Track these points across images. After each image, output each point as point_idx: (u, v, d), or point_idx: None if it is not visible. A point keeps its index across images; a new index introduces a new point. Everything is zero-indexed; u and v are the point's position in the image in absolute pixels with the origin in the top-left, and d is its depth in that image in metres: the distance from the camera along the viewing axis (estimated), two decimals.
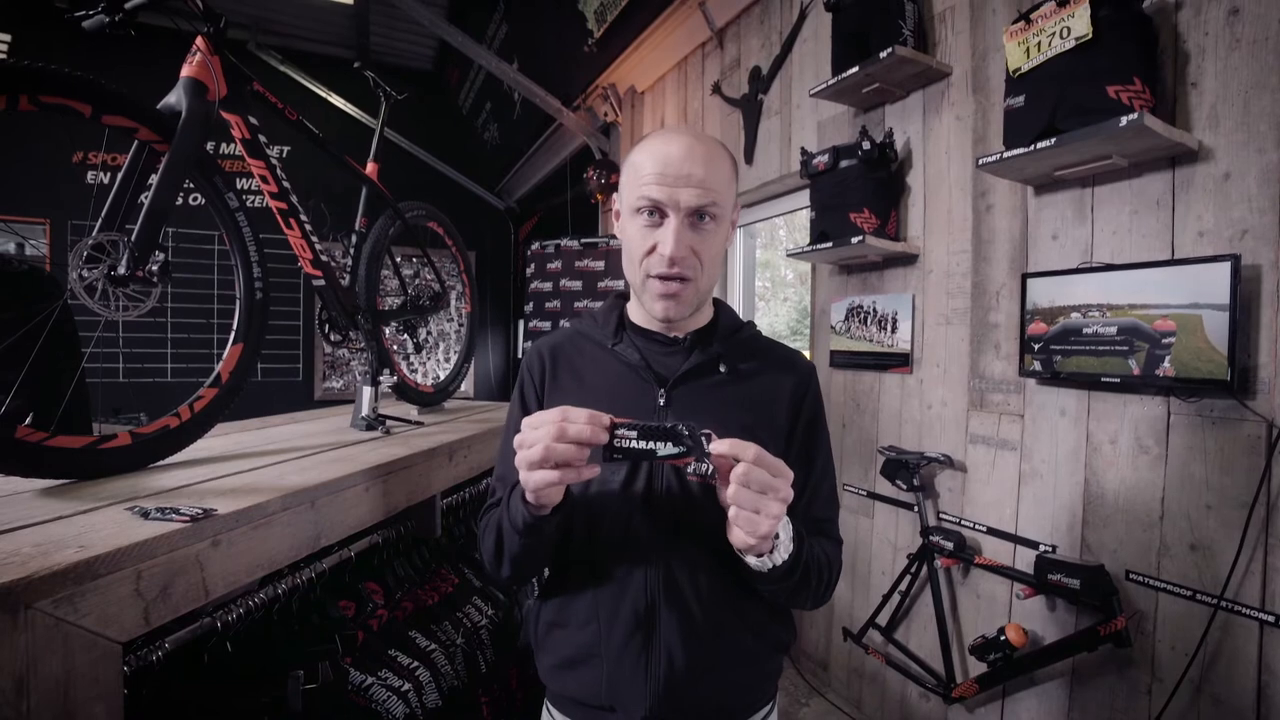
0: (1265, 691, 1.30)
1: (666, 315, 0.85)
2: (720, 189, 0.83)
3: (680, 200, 0.80)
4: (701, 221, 0.82)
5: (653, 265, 0.83)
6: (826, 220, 2.20)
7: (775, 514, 0.69)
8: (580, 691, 0.87)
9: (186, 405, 1.09)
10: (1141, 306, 1.45)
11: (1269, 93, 1.30)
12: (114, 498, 0.85)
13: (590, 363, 0.92)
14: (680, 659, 0.82)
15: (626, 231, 0.87)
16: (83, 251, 0.94)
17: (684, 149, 0.81)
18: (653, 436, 0.68)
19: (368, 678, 1.13)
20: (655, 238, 0.82)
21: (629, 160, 0.87)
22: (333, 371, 5.69)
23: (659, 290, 0.83)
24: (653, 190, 0.81)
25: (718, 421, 0.84)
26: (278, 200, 1.32)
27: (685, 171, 0.80)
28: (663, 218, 0.82)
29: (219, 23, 1.13)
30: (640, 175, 0.83)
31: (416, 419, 1.74)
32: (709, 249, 0.84)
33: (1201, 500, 1.41)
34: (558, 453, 0.68)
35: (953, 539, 1.90)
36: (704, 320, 0.94)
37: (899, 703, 2.20)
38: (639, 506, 0.83)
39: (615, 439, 0.68)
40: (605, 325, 0.94)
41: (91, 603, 0.63)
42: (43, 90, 0.87)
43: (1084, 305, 1.57)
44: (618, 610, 0.83)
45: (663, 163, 0.81)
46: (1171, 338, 1.40)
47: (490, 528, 0.87)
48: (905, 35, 1.98)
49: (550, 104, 3.93)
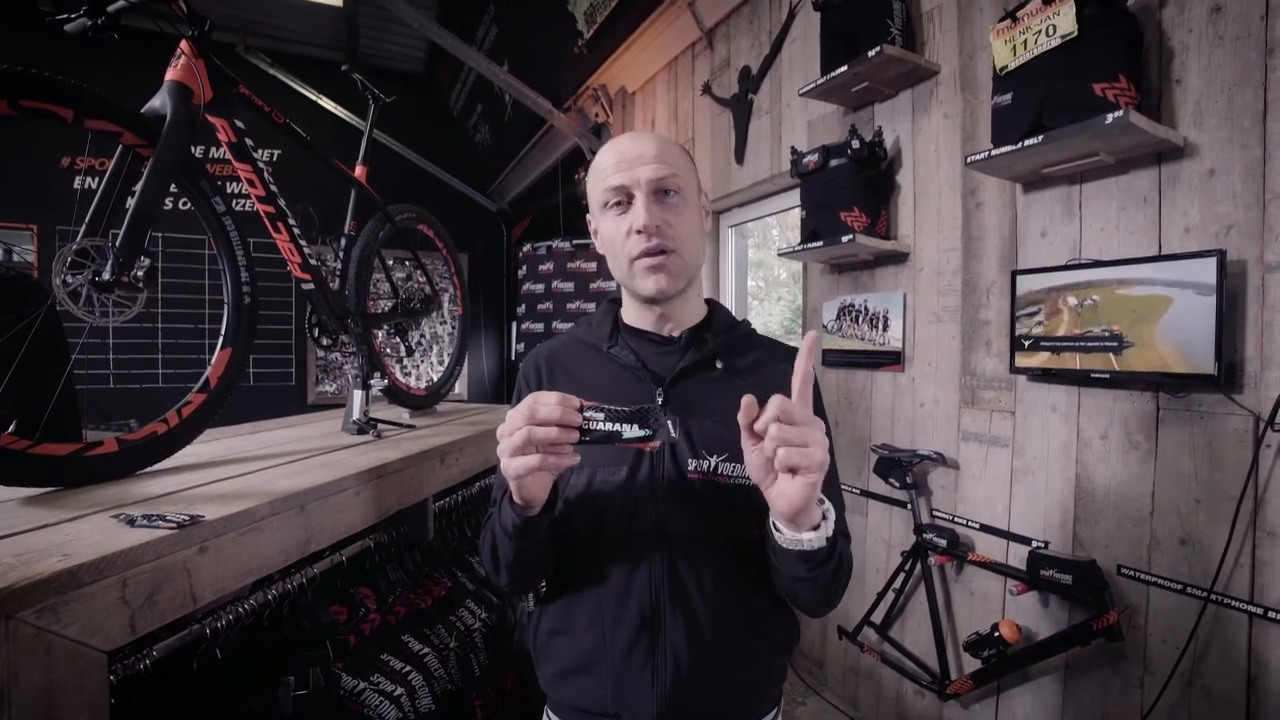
0: (1255, 683, 1.31)
1: (660, 289, 0.85)
2: (677, 165, 0.86)
3: (640, 177, 0.83)
4: (667, 196, 0.85)
5: (632, 247, 0.84)
6: (817, 219, 2.21)
7: (822, 441, 0.66)
8: (585, 700, 0.85)
9: (175, 411, 1.08)
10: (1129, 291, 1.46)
11: (1251, 89, 1.31)
12: (100, 505, 0.84)
13: (587, 367, 0.92)
14: (687, 661, 0.81)
15: (603, 231, 0.89)
16: (67, 257, 0.93)
17: (634, 138, 0.87)
18: (618, 419, 0.68)
19: (360, 683, 1.13)
20: (628, 220, 0.85)
21: (589, 172, 0.91)
22: (326, 376, 5.66)
23: (646, 266, 0.84)
24: (613, 179, 0.84)
25: (716, 417, 0.84)
26: (265, 204, 1.31)
27: (639, 152, 0.84)
28: (630, 201, 0.85)
29: (204, 25, 1.13)
30: (600, 174, 0.87)
31: (408, 422, 1.74)
32: (682, 222, 0.86)
33: (1191, 494, 1.42)
34: (537, 435, 0.67)
35: (946, 536, 1.91)
36: (698, 318, 0.94)
37: (894, 700, 2.20)
38: (642, 507, 0.83)
39: (583, 421, 0.69)
40: (600, 329, 0.94)
41: (75, 612, 0.62)
42: (23, 95, 0.86)
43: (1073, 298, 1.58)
44: (622, 612, 0.82)
45: (617, 153, 0.86)
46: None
47: (486, 535, 0.87)
48: (893, 34, 1.98)
49: (541, 105, 3.92)
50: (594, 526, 0.85)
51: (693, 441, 0.84)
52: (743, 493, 0.83)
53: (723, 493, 0.83)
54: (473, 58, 3.61)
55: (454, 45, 3.47)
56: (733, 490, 0.83)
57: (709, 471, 0.83)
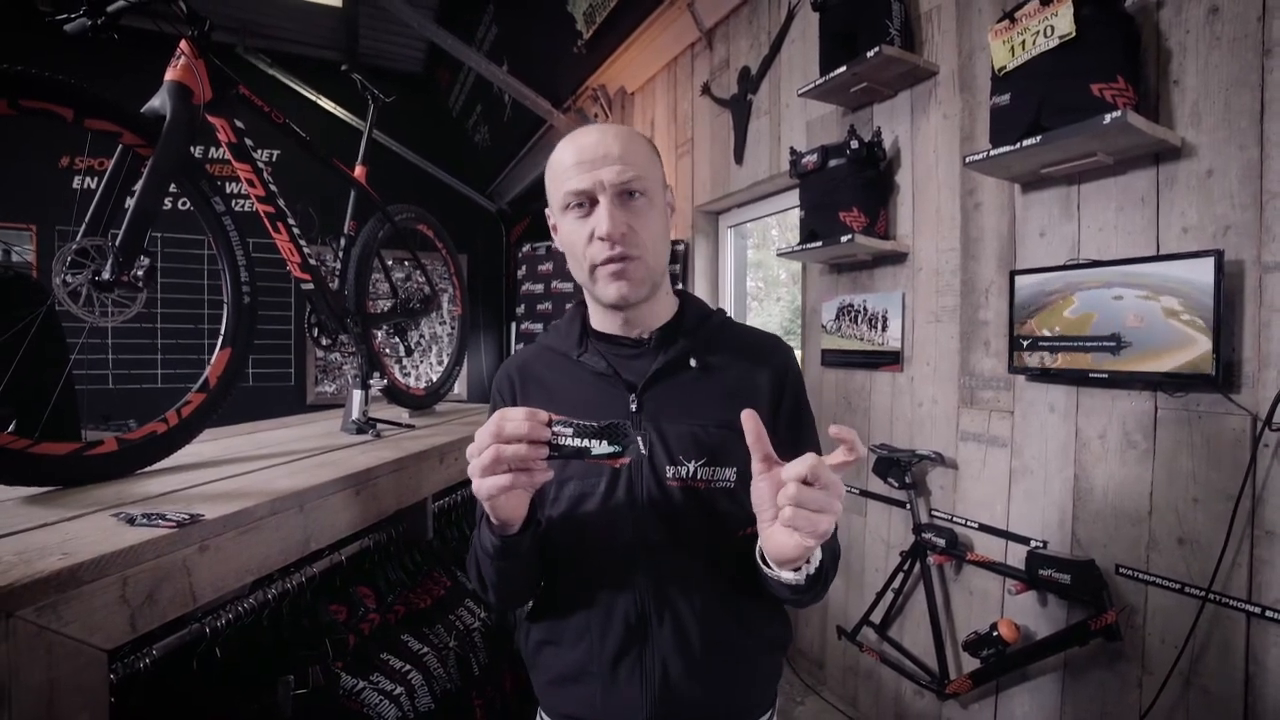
0: (1253, 682, 1.31)
1: (621, 296, 0.81)
2: (642, 165, 0.81)
3: (604, 179, 0.78)
4: (632, 199, 0.80)
5: (595, 253, 0.80)
6: (816, 219, 2.21)
7: (838, 510, 0.64)
8: (576, 708, 0.85)
9: (174, 410, 1.08)
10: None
11: (1249, 90, 1.32)
12: (99, 504, 0.84)
13: (559, 376, 0.90)
14: (677, 670, 0.80)
15: (563, 234, 0.85)
16: (66, 257, 0.93)
17: (596, 135, 0.81)
18: (587, 435, 0.66)
19: (359, 682, 1.13)
20: (590, 225, 0.80)
21: (548, 166, 0.85)
22: (325, 376, 5.66)
23: (608, 273, 0.80)
24: (574, 181, 0.79)
25: (694, 420, 0.83)
26: (265, 204, 1.31)
27: (602, 153, 0.79)
28: (593, 204, 0.80)
29: (203, 26, 1.13)
30: (561, 172, 0.81)
31: (407, 422, 1.74)
32: (647, 226, 0.81)
33: (1189, 494, 1.43)
34: (505, 453, 0.65)
35: (945, 536, 1.91)
36: (668, 315, 0.90)
37: (893, 700, 2.21)
38: (622, 518, 0.82)
39: (552, 436, 0.66)
40: (568, 336, 0.91)
41: (75, 610, 0.62)
42: (23, 94, 0.86)
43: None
44: (609, 624, 0.81)
45: (578, 152, 0.80)
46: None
47: (471, 556, 0.86)
48: (892, 34, 1.99)
49: (540, 106, 3.92)
50: (575, 539, 0.83)
51: (669, 448, 0.82)
52: (725, 495, 0.82)
53: (703, 498, 0.82)
54: (472, 58, 3.62)
55: (453, 45, 3.47)
56: (714, 494, 0.82)
57: (688, 478, 0.81)
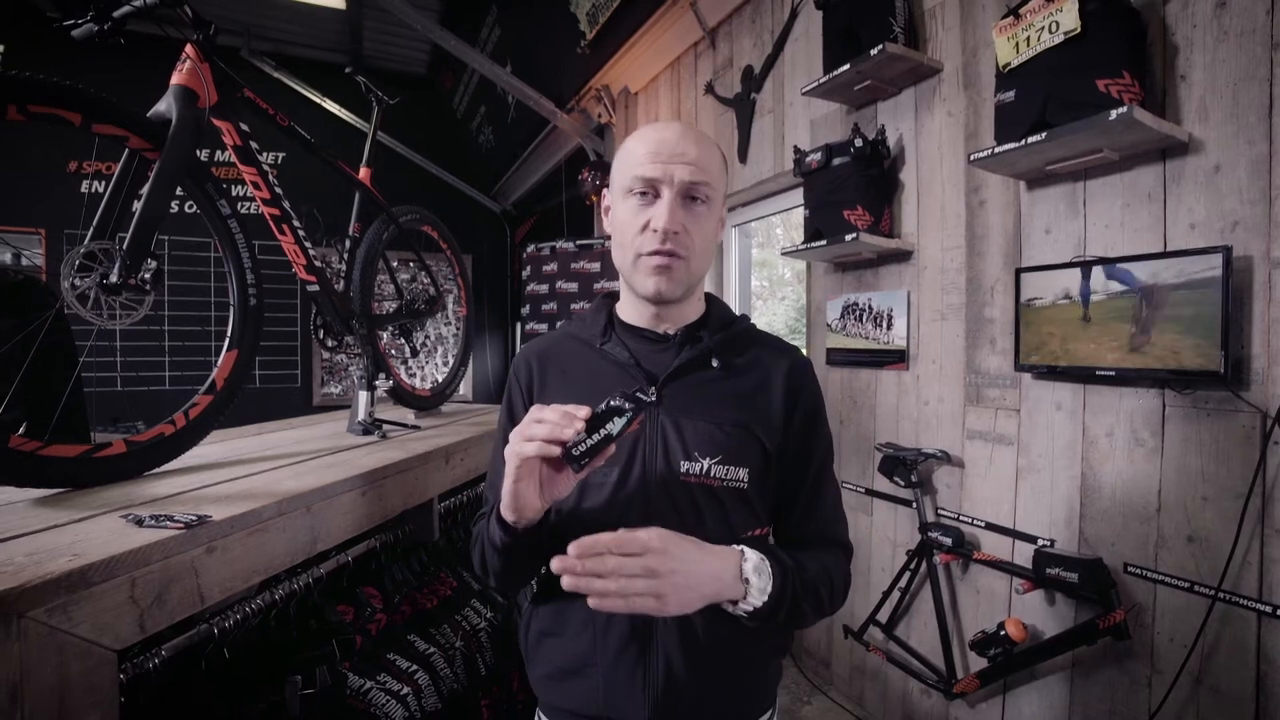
0: (1264, 681, 1.30)
1: (658, 291, 0.83)
2: (712, 172, 0.84)
3: (674, 176, 0.81)
4: (694, 203, 0.83)
5: (645, 243, 0.82)
6: (820, 218, 2.21)
7: (648, 589, 0.67)
8: (575, 703, 0.85)
9: (181, 412, 1.09)
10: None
11: (1257, 84, 1.31)
12: (108, 506, 0.85)
13: (579, 364, 0.90)
14: (679, 666, 0.80)
15: (618, 215, 0.86)
16: (75, 260, 0.94)
17: (677, 133, 0.83)
18: (599, 424, 0.66)
19: (366, 682, 1.13)
20: (648, 214, 0.82)
21: (622, 148, 0.87)
22: (331, 377, 5.69)
23: (651, 265, 0.82)
24: (646, 169, 0.81)
25: (710, 418, 0.83)
26: (270, 206, 1.32)
27: (679, 150, 0.81)
28: (656, 196, 0.82)
29: (208, 30, 1.14)
30: (633, 158, 0.83)
31: (413, 423, 1.74)
32: (701, 231, 0.84)
33: (1198, 492, 1.42)
34: (528, 451, 0.67)
35: (951, 535, 1.90)
36: (695, 315, 0.92)
37: (900, 699, 2.20)
38: (633, 509, 0.82)
39: (574, 448, 0.67)
40: (593, 325, 0.92)
41: (85, 611, 0.63)
42: (31, 100, 0.87)
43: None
44: (613, 618, 0.81)
45: (656, 144, 0.82)
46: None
47: (476, 541, 0.87)
48: (896, 32, 1.98)
49: (544, 106, 3.93)
50: (585, 529, 0.83)
51: (685, 443, 0.82)
52: (736, 494, 0.83)
53: (716, 495, 0.82)
54: (476, 59, 3.63)
55: (457, 47, 3.48)
56: (726, 492, 0.82)
57: (702, 474, 0.82)
